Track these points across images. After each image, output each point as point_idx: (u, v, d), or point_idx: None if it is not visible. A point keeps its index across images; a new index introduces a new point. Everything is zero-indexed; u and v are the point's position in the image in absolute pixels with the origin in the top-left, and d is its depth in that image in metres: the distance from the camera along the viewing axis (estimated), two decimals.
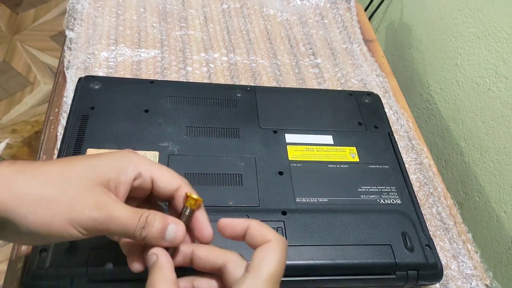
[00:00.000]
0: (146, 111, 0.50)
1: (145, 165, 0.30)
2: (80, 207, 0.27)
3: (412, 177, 0.57)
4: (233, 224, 0.30)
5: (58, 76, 0.61)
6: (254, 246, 0.29)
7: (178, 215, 0.31)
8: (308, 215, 0.44)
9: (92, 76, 0.54)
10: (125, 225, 0.28)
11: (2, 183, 0.26)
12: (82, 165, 0.28)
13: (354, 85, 0.68)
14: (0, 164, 0.27)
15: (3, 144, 0.29)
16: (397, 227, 0.45)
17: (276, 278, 0.28)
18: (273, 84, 0.65)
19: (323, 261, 0.41)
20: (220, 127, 0.51)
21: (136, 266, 0.31)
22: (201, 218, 0.32)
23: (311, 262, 0.41)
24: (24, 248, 0.43)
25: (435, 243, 0.46)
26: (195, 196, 0.31)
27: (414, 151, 0.61)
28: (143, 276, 0.38)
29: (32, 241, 0.31)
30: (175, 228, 0.30)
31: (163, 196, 0.32)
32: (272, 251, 0.28)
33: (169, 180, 0.31)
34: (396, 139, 0.55)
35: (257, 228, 0.30)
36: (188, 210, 0.31)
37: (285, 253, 0.29)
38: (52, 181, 0.27)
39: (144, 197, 0.33)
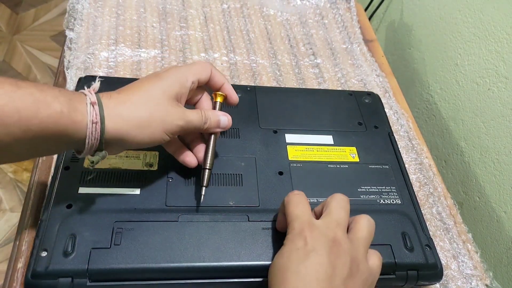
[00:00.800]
0: None
1: (193, 74, 0.41)
2: (170, 121, 0.37)
3: (412, 177, 0.57)
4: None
5: (58, 76, 0.61)
6: None
7: (212, 108, 0.44)
8: None
9: (92, 76, 0.54)
10: (196, 125, 0.40)
11: (113, 114, 0.34)
12: (158, 89, 0.37)
13: (354, 85, 0.68)
14: (102, 99, 0.34)
15: (98, 84, 0.34)
16: (397, 227, 0.45)
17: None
18: (273, 84, 0.65)
19: None
20: None
21: (192, 160, 0.43)
22: (230, 91, 0.45)
23: None
24: (24, 248, 0.43)
25: (435, 243, 0.46)
26: (219, 93, 0.44)
27: (414, 151, 0.61)
28: (142, 277, 0.38)
29: (132, 149, 0.41)
30: (226, 118, 0.43)
31: (203, 84, 0.43)
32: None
33: (205, 74, 0.42)
34: (396, 139, 0.55)
35: None
36: (217, 103, 0.45)
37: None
38: (145, 107, 0.36)
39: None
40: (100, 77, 0.54)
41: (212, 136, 0.43)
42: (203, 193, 0.42)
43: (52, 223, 0.39)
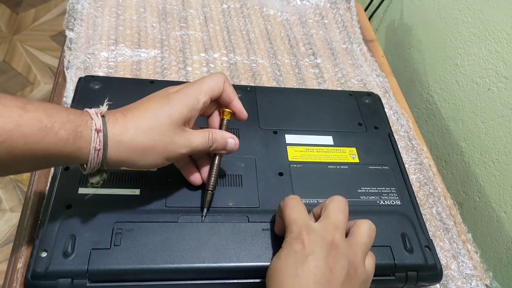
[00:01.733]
0: None
1: (205, 93, 0.39)
2: (173, 149, 0.37)
3: (412, 177, 0.57)
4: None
5: (58, 76, 0.61)
6: None
7: (219, 125, 0.43)
8: None
9: (92, 76, 0.54)
10: (201, 148, 0.39)
11: (116, 141, 0.34)
12: (165, 114, 0.36)
13: (354, 85, 0.68)
14: (108, 123, 0.34)
15: (105, 107, 0.34)
16: (396, 228, 0.44)
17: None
18: (273, 84, 0.65)
19: None
20: None
21: (197, 179, 0.43)
22: (239, 107, 0.43)
23: None
24: (24, 248, 0.43)
25: (435, 243, 0.46)
26: (227, 110, 0.42)
27: (414, 151, 0.61)
28: (142, 278, 0.38)
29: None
30: (233, 141, 0.42)
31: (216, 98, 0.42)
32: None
33: (218, 89, 0.41)
34: (396, 139, 0.55)
35: None
36: (225, 121, 0.43)
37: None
38: (149, 134, 0.36)
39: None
40: (95, 77, 0.54)
41: (217, 157, 0.43)
42: (204, 214, 0.42)
43: (52, 223, 0.39)
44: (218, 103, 0.43)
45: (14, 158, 0.30)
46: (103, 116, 0.35)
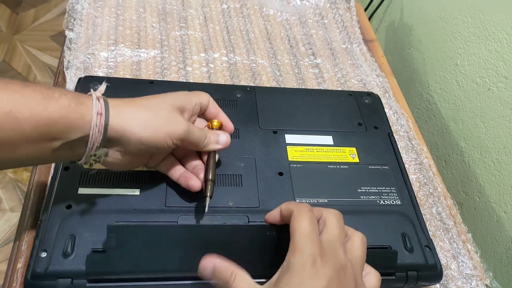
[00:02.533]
0: None
1: (196, 97, 0.43)
2: (175, 124, 0.38)
3: (412, 177, 0.57)
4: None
5: (58, 76, 0.61)
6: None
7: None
8: None
9: (92, 76, 0.54)
10: (197, 137, 0.41)
11: (118, 112, 0.35)
12: (163, 99, 0.39)
13: (354, 85, 0.68)
14: (109, 100, 0.36)
15: (104, 86, 0.35)
16: (396, 228, 0.44)
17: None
18: (273, 84, 0.65)
19: None
20: None
21: (196, 184, 0.42)
22: (225, 119, 0.45)
23: None
24: (24, 248, 0.43)
25: (435, 243, 0.46)
26: (215, 120, 0.45)
27: (414, 151, 0.61)
28: (141, 277, 0.38)
29: (134, 160, 0.40)
30: (224, 135, 0.44)
31: (204, 110, 0.45)
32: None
33: (205, 100, 0.44)
34: (396, 139, 0.55)
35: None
36: (214, 129, 0.44)
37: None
38: (150, 108, 0.37)
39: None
40: (94, 77, 0.54)
41: (212, 151, 0.43)
42: (207, 203, 0.41)
43: (51, 223, 0.39)
44: (206, 118, 0.45)
45: (21, 135, 0.31)
46: (102, 95, 0.36)
